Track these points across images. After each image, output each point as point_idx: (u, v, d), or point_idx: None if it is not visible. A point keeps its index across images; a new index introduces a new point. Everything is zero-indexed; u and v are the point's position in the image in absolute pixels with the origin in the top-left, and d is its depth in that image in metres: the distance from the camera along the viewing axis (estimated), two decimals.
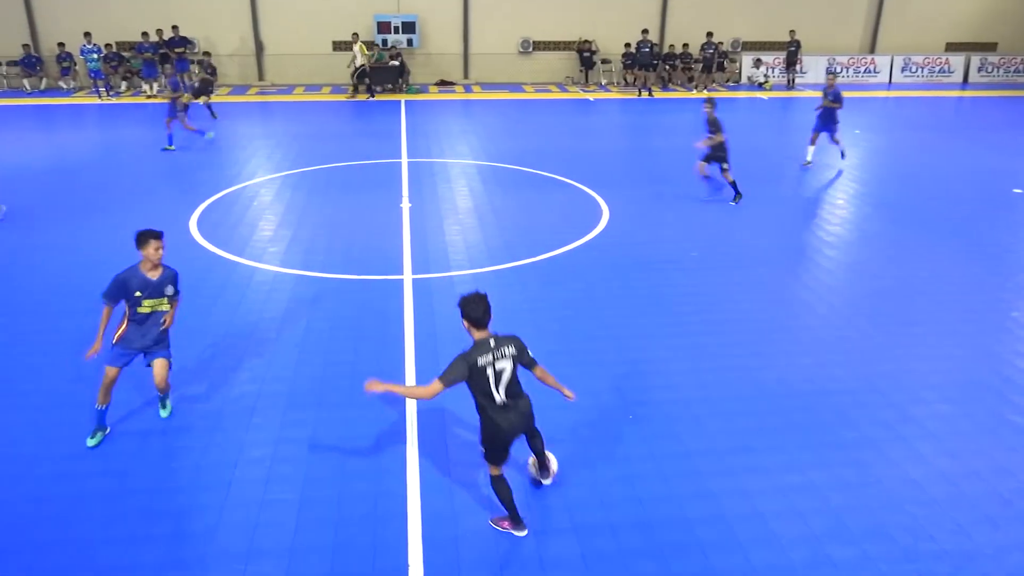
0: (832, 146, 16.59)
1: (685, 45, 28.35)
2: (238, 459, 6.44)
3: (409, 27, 27.22)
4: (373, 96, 25.43)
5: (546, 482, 6.05)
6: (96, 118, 22.45)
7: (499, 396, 5.23)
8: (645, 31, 27.29)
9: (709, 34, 28.03)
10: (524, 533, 5.54)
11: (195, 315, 9.05)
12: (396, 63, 26.68)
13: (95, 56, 24.83)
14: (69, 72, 25.95)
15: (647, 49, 27.14)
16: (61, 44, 25.63)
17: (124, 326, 6.43)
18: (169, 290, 6.46)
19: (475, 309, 5.24)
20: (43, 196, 14.09)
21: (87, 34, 24.87)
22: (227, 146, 18.51)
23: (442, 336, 8.58)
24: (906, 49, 30.71)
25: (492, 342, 5.21)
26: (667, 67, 28.51)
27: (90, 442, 6.55)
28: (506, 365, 5.23)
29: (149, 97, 24.96)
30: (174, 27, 25.43)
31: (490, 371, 5.16)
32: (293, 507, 5.88)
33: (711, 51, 28.06)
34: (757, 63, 29.31)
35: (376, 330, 8.75)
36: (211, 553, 5.42)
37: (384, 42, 26.99)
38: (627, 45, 27.86)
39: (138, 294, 6.26)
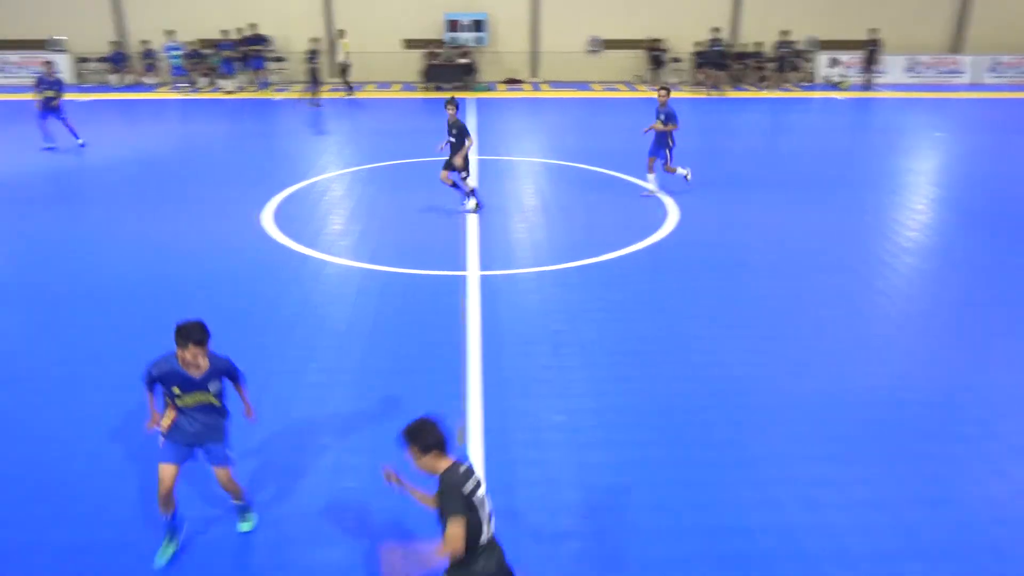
0: (682, 169, 14.16)
1: (758, 44, 27.76)
2: (305, 445, 6.59)
3: (478, 25, 27.38)
4: (352, 92, 25.80)
5: None
6: (177, 113, 23.25)
7: (488, 530, 4.13)
8: (716, 29, 26.84)
9: (784, 32, 27.38)
10: None
11: (267, 307, 9.32)
12: (465, 61, 26.86)
13: (177, 53, 25.72)
14: (153, 68, 26.95)
15: (718, 48, 26.68)
16: (145, 41, 26.64)
17: (172, 415, 5.20)
18: (214, 387, 5.16)
19: (433, 433, 4.10)
20: (124, 186, 14.67)
21: (170, 32, 25.78)
22: (299, 142, 18.94)
23: (505, 333, 8.61)
24: (994, 48, 29.40)
25: (461, 468, 4.11)
26: (739, 66, 27.97)
27: (159, 560, 5.31)
28: (483, 488, 4.17)
29: (228, 93, 25.72)
30: (252, 25, 26.13)
31: (479, 498, 4.09)
32: (360, 496, 5.99)
33: (785, 50, 27.41)
34: (834, 62, 28.50)
35: (441, 325, 8.83)
36: (282, 538, 5.56)
37: (453, 40, 27.21)
38: (697, 44, 27.45)
39: (176, 390, 5.08)
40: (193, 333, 4.95)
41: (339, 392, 7.47)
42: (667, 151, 13.76)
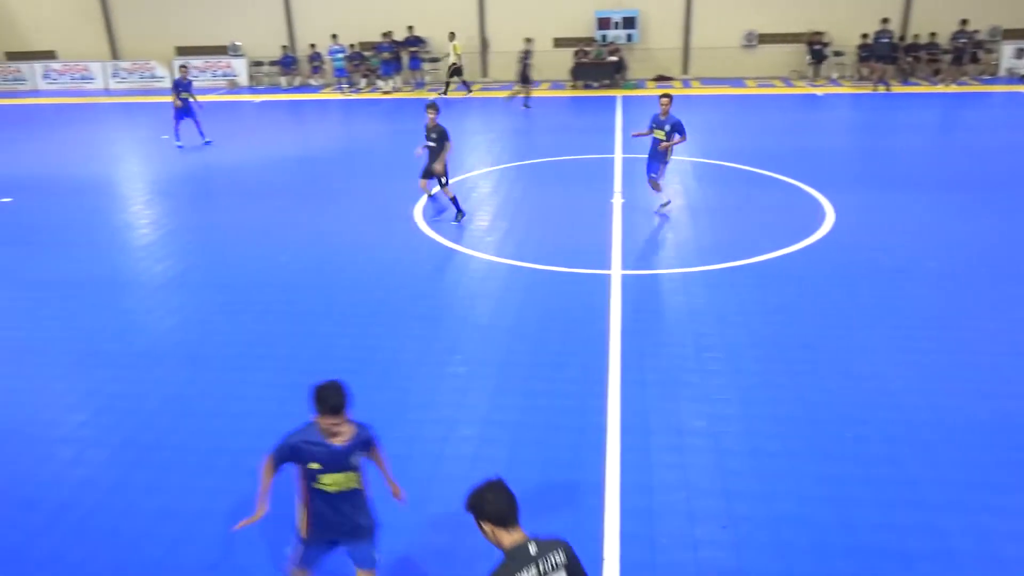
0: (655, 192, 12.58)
1: (932, 34, 25.79)
2: (448, 435, 6.81)
3: (629, 22, 27.14)
4: (470, 91, 26.10)
5: None
6: (338, 112, 24.59)
7: None
8: (885, 20, 25.18)
9: (963, 21, 25.26)
10: None
11: (416, 298, 9.70)
12: (614, 59, 26.70)
13: (340, 56, 27.19)
14: (318, 71, 28.64)
15: (886, 40, 25.03)
16: (312, 45, 28.35)
17: (306, 509, 4.45)
18: (355, 460, 4.35)
19: (496, 501, 3.49)
20: (288, 181, 15.68)
21: (334, 36, 27.28)
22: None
23: (648, 334, 8.51)
24: None
25: (533, 548, 3.46)
26: (909, 59, 26.10)
27: None
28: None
29: (385, 93, 26.90)
30: (409, 27, 27.19)
31: None
32: None
33: (964, 40, 25.30)
34: (1020, 53, 26.01)
35: (583, 323, 8.85)
36: (419, 520, 5.79)
37: (603, 38, 27.11)
38: (864, 36, 25.86)
39: (314, 467, 4.27)
40: (328, 401, 4.15)
41: (481, 384, 7.65)
42: (662, 166, 12.27)
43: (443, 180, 12.51)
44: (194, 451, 6.71)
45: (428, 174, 12.59)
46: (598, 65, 26.80)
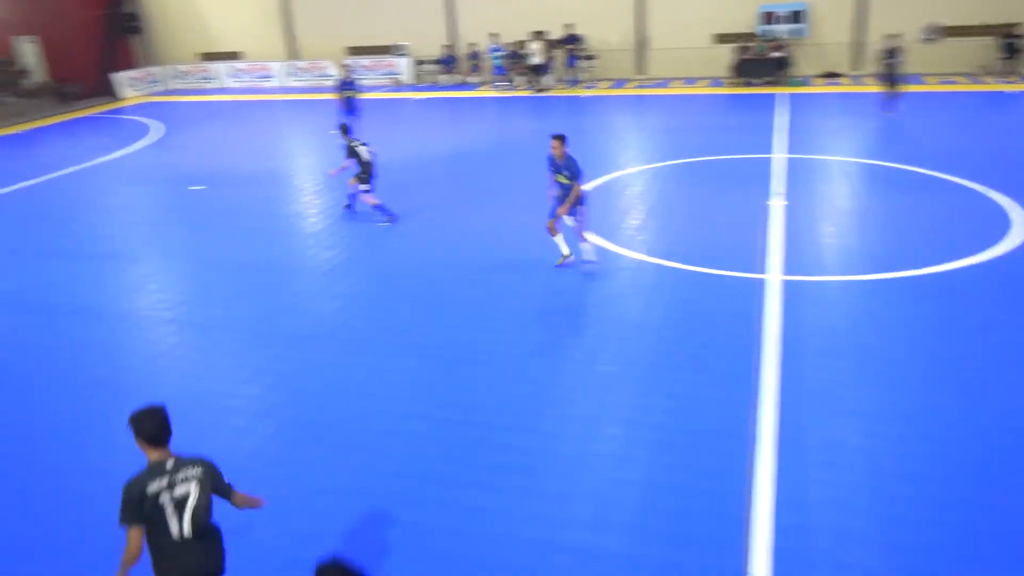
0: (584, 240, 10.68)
1: None
2: (595, 434, 6.83)
3: (796, 16, 25.92)
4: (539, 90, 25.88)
5: None
6: (495, 109, 25.13)
7: (178, 529, 4.14)
8: None
9: None
10: None
11: (562, 295, 9.77)
12: (778, 55, 25.60)
13: (499, 54, 27.75)
14: (477, 69, 29.37)
15: None
16: (472, 44, 29.10)
17: None
18: None
19: (150, 423, 4.16)
20: (441, 176, 16.22)
21: (494, 34, 27.87)
22: (605, 137, 19.47)
23: (804, 342, 8.14)
24: None
25: (170, 463, 4.17)
26: None
27: None
28: (189, 490, 4.15)
29: (539, 91, 27.18)
30: (567, 25, 27.32)
31: (165, 498, 4.10)
32: (640, 488, 6.08)
33: None
34: None
35: (730, 328, 8.59)
36: (563, 515, 5.85)
37: (766, 33, 26.07)
38: None
39: None
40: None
41: (627, 385, 7.62)
42: (580, 207, 10.36)
43: (364, 187, 13.26)
44: (347, 431, 7.12)
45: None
46: (761, 61, 25.78)
